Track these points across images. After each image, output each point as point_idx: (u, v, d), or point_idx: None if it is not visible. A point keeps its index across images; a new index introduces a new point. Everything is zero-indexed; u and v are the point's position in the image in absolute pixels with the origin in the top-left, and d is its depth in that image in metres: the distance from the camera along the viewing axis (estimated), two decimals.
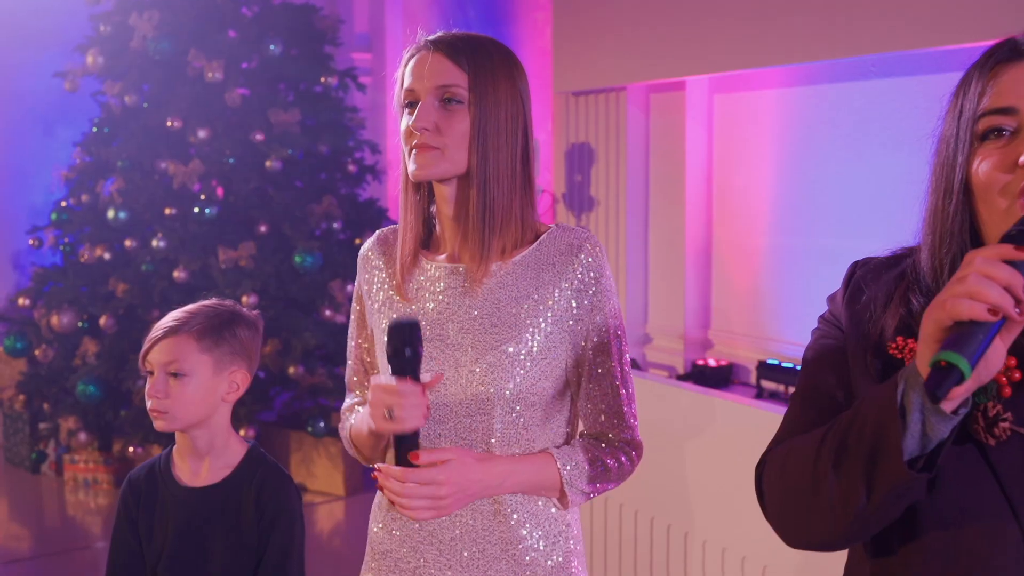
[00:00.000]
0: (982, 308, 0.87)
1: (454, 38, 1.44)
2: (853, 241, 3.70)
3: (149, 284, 4.53)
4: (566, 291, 1.44)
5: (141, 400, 4.44)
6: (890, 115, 3.58)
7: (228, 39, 4.65)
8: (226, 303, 1.73)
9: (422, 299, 1.49)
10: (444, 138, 1.40)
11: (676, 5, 4.07)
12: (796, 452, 1.05)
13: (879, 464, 0.94)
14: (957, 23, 3.12)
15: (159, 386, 1.64)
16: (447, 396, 1.43)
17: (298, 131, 4.63)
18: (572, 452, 1.45)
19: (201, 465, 1.71)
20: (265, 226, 4.55)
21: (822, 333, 1.15)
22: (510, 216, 1.44)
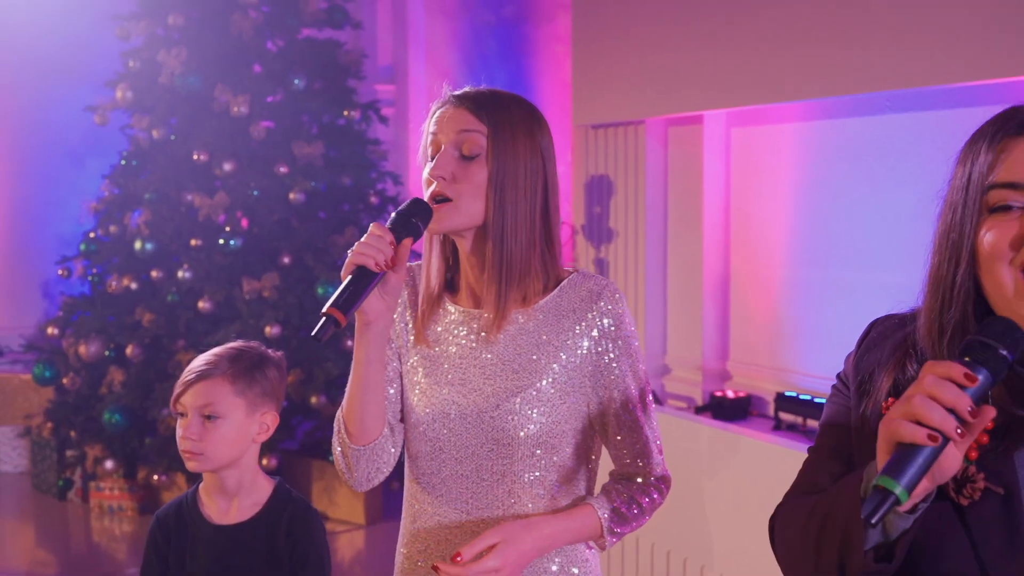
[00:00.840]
0: (922, 433, 0.89)
1: (477, 93, 1.49)
2: (870, 274, 3.72)
3: (175, 314, 4.61)
4: (585, 337, 1.48)
5: (166, 429, 4.50)
6: (906, 150, 3.60)
7: (253, 74, 4.75)
8: (252, 344, 1.78)
9: (444, 342, 1.53)
10: (459, 186, 1.44)
11: (695, 40, 4.12)
12: (794, 514, 1.10)
13: (846, 555, 0.99)
14: (973, 60, 3.15)
15: (193, 428, 1.67)
16: (468, 439, 1.47)
17: (321, 163, 4.71)
18: (608, 498, 1.49)
19: (230, 503, 1.74)
20: (289, 257, 4.62)
21: (834, 393, 1.19)
22: (528, 268, 1.48)
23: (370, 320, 1.41)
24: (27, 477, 5.43)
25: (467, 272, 1.53)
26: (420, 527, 1.54)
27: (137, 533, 4.70)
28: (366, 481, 1.52)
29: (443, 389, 1.50)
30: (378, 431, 1.49)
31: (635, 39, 4.45)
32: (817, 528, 1.03)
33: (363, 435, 1.48)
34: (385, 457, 1.52)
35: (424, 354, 1.53)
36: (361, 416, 1.47)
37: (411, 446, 1.54)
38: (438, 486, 1.51)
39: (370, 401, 1.46)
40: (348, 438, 1.49)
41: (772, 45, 3.75)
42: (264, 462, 4.50)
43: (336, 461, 1.54)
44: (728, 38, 3.95)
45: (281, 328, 4.44)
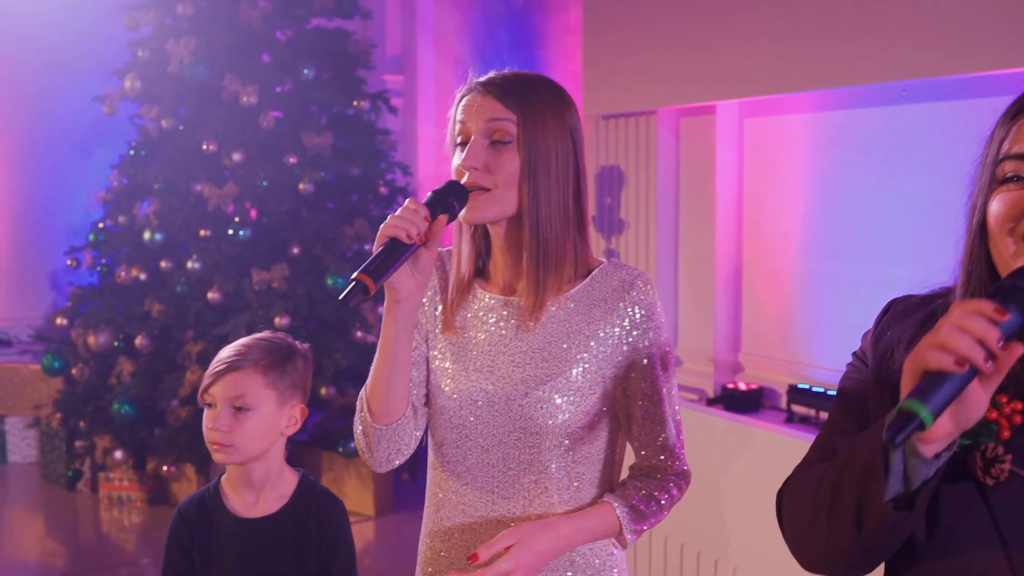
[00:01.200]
0: (949, 359, 0.89)
1: (503, 79, 1.47)
2: (884, 267, 3.69)
3: (184, 305, 4.60)
4: (616, 327, 1.46)
5: (175, 419, 4.50)
6: (922, 141, 3.57)
7: (262, 64, 4.73)
8: (280, 335, 1.76)
9: (474, 329, 1.51)
10: (494, 177, 1.42)
11: (707, 30, 4.09)
12: (804, 483, 1.09)
13: (864, 505, 0.97)
14: (990, 49, 3.12)
15: (224, 420, 1.65)
16: (496, 428, 1.46)
17: (331, 154, 4.69)
18: (627, 495, 1.48)
19: (257, 497, 1.72)
20: (298, 248, 4.60)
21: (851, 368, 1.18)
22: (564, 255, 1.46)
23: (400, 297, 1.39)
24: (36, 468, 5.43)
25: (499, 259, 1.52)
26: (444, 516, 1.53)
27: (146, 524, 4.70)
28: (386, 462, 1.50)
29: (471, 376, 1.48)
30: (401, 412, 1.47)
31: (646, 28, 4.41)
32: (831, 486, 1.02)
33: (386, 415, 1.46)
34: (407, 439, 1.50)
35: (452, 340, 1.52)
36: (386, 395, 1.45)
37: (436, 433, 1.53)
38: (463, 474, 1.49)
39: (395, 381, 1.44)
40: (371, 417, 1.47)
41: (786, 34, 3.72)
42: None
43: (357, 440, 1.52)
44: (741, 27, 3.92)
45: (291, 319, 4.43)
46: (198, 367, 4.43)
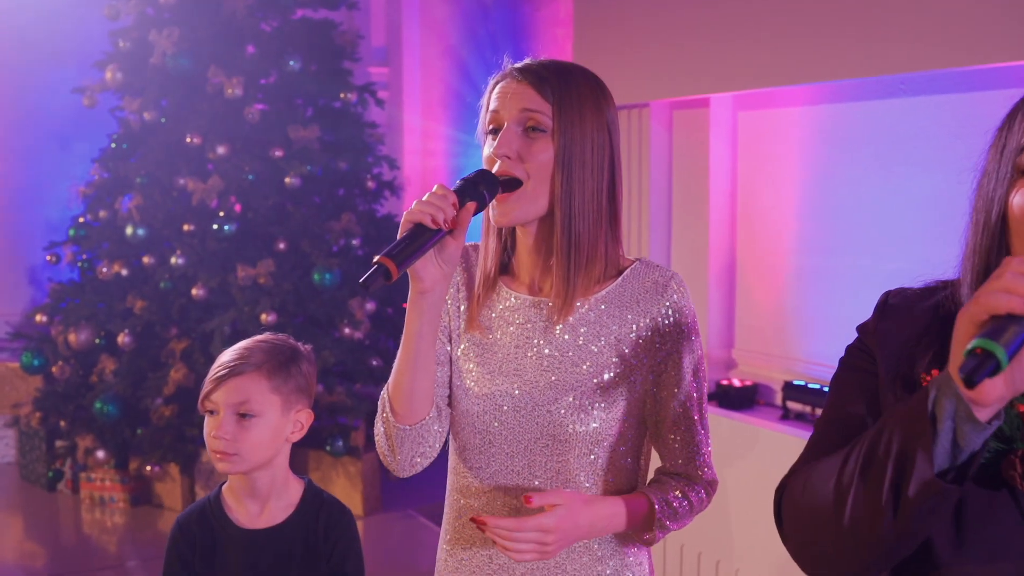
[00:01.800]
0: (1019, 301, 0.85)
1: (540, 66, 1.40)
2: (880, 262, 3.65)
3: (167, 301, 4.51)
4: (650, 330, 1.40)
5: (159, 418, 4.41)
6: (919, 134, 3.53)
7: (247, 55, 4.63)
8: (282, 337, 1.68)
9: (499, 329, 1.45)
10: (526, 166, 1.36)
11: (700, 21, 4.03)
12: (818, 471, 1.02)
13: (908, 473, 0.91)
14: (987, 43, 3.07)
15: (227, 427, 1.57)
16: (522, 434, 1.40)
17: (317, 147, 4.60)
18: (662, 491, 1.42)
19: (262, 507, 1.65)
20: (284, 243, 4.51)
21: (851, 361, 1.13)
22: (595, 253, 1.40)
23: (425, 288, 1.32)
24: (15, 468, 5.32)
25: (525, 257, 1.45)
26: (466, 523, 1.47)
27: (129, 525, 4.61)
28: (409, 466, 1.43)
29: (496, 379, 1.42)
30: (425, 411, 1.40)
31: (639, 20, 4.35)
32: (862, 458, 0.95)
33: (410, 414, 1.39)
34: (431, 440, 1.43)
35: (476, 340, 1.45)
36: (409, 394, 1.38)
37: (459, 437, 1.46)
38: (486, 481, 1.43)
39: (420, 377, 1.37)
40: (393, 417, 1.39)
41: (780, 27, 3.67)
42: None
43: (378, 444, 1.44)
44: (735, 19, 3.87)
45: (277, 315, 4.34)
46: (182, 365, 4.34)
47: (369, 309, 4.56)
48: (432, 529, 4.52)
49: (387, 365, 4.75)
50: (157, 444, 4.44)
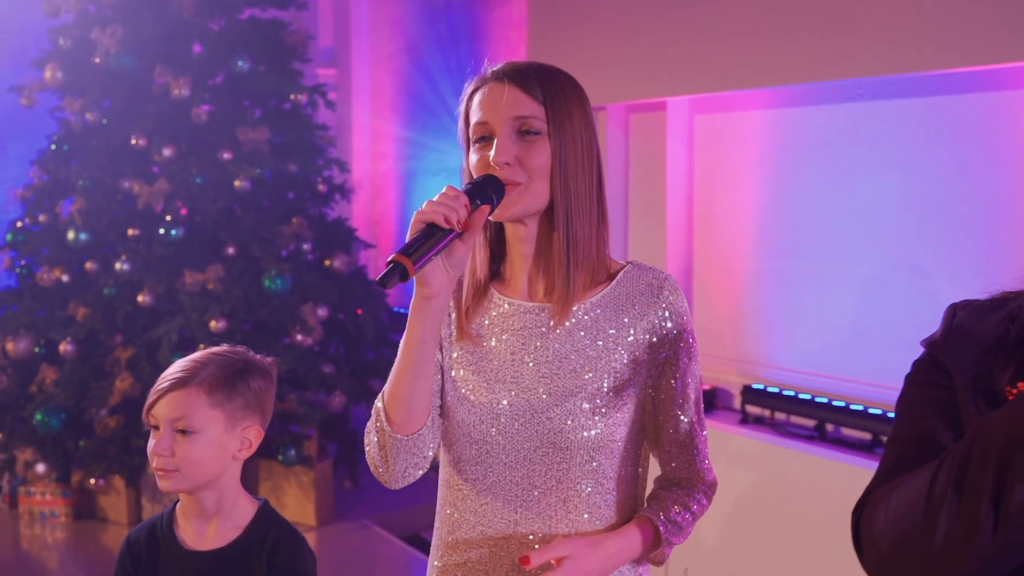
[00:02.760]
0: None
1: (524, 67, 1.37)
2: (839, 265, 3.67)
3: (112, 308, 4.36)
4: (646, 333, 1.37)
5: (104, 429, 4.26)
6: (876, 138, 3.55)
7: (194, 54, 4.50)
8: (238, 350, 1.60)
9: (493, 336, 1.40)
10: (527, 171, 1.32)
11: (657, 23, 4.02)
12: (902, 491, 0.96)
13: (1010, 481, 0.85)
14: (945, 48, 3.10)
15: (165, 443, 1.50)
16: (521, 443, 1.35)
17: (267, 150, 4.49)
18: (664, 508, 1.39)
19: (208, 527, 1.57)
20: (233, 248, 4.40)
21: (923, 377, 1.09)
22: (590, 251, 1.37)
23: (432, 293, 1.28)
24: None
25: (518, 261, 1.41)
26: (460, 538, 1.41)
27: (71, 540, 4.44)
28: (402, 477, 1.38)
29: (493, 387, 1.37)
30: (423, 420, 1.35)
31: (594, 22, 4.33)
32: (955, 469, 0.89)
33: (408, 423, 1.34)
34: (425, 451, 1.38)
35: (470, 349, 1.41)
36: (408, 402, 1.33)
37: (453, 448, 1.41)
38: (483, 493, 1.39)
39: (419, 387, 1.33)
40: (389, 426, 1.34)
41: (738, 30, 3.67)
42: None
43: (369, 455, 1.39)
44: (692, 22, 3.86)
45: (227, 322, 4.22)
46: (128, 374, 4.20)
47: (321, 315, 4.47)
48: (387, 539, 4.44)
49: (339, 372, 4.65)
50: (101, 456, 4.29)
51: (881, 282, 3.58)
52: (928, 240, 3.41)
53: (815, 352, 3.72)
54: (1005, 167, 3.19)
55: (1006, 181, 3.20)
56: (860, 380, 3.55)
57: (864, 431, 3.47)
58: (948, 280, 3.38)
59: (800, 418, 3.63)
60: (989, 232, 3.26)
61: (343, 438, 4.72)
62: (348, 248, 4.88)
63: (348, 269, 4.80)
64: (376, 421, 1.37)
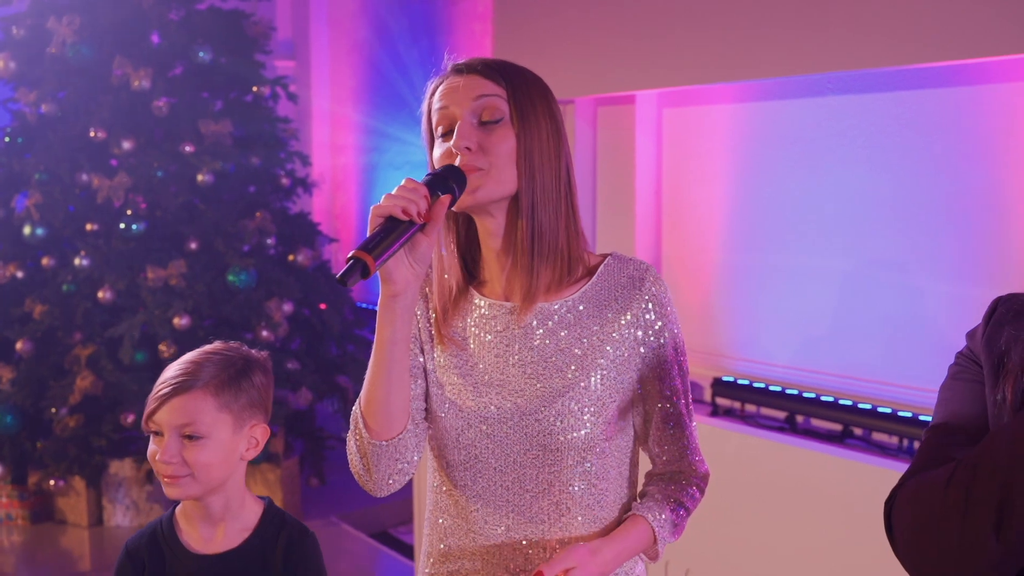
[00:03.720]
0: None
1: (482, 59, 1.34)
2: (808, 258, 3.70)
3: (70, 305, 4.25)
4: (630, 327, 1.34)
5: (63, 429, 4.15)
6: (846, 132, 3.59)
7: (155, 45, 4.40)
8: (233, 346, 1.55)
9: (475, 339, 1.36)
10: (489, 157, 1.28)
11: (626, 16, 4.01)
12: (927, 484, 0.98)
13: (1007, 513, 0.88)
14: (913, 43, 3.14)
15: (172, 450, 1.44)
16: (510, 446, 1.32)
17: (230, 142, 4.41)
18: (658, 507, 1.37)
19: (215, 530, 1.52)
20: (196, 242, 4.31)
21: (961, 369, 1.10)
22: (556, 244, 1.32)
23: (397, 291, 1.23)
24: None
25: (492, 261, 1.37)
26: (451, 546, 1.38)
27: (29, 544, 4.33)
28: (386, 484, 1.33)
29: (480, 390, 1.34)
30: (402, 424, 1.31)
31: (563, 15, 4.31)
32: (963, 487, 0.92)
33: (386, 428, 1.30)
34: (408, 456, 1.33)
35: (453, 353, 1.37)
36: (385, 406, 1.28)
37: (441, 455, 1.38)
38: (473, 499, 1.35)
39: (394, 389, 1.28)
40: (368, 433, 1.30)
41: (707, 23, 3.68)
42: None
43: (352, 464, 1.35)
44: (662, 15, 3.86)
45: (190, 318, 4.14)
46: (89, 372, 4.10)
47: (287, 311, 4.40)
48: (354, 536, 4.39)
49: (304, 368, 4.58)
50: (61, 457, 4.18)
51: (850, 276, 3.62)
52: (898, 234, 3.45)
53: (785, 345, 3.75)
54: (975, 161, 3.24)
55: (976, 175, 3.25)
56: (830, 372, 3.59)
57: (835, 422, 3.51)
58: (919, 274, 3.43)
59: (770, 410, 3.65)
60: (958, 226, 3.31)
61: (309, 435, 4.66)
62: (312, 243, 4.82)
63: (312, 264, 4.74)
64: (355, 429, 1.33)
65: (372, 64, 6.07)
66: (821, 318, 3.62)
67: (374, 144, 6.16)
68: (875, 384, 3.54)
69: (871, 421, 3.45)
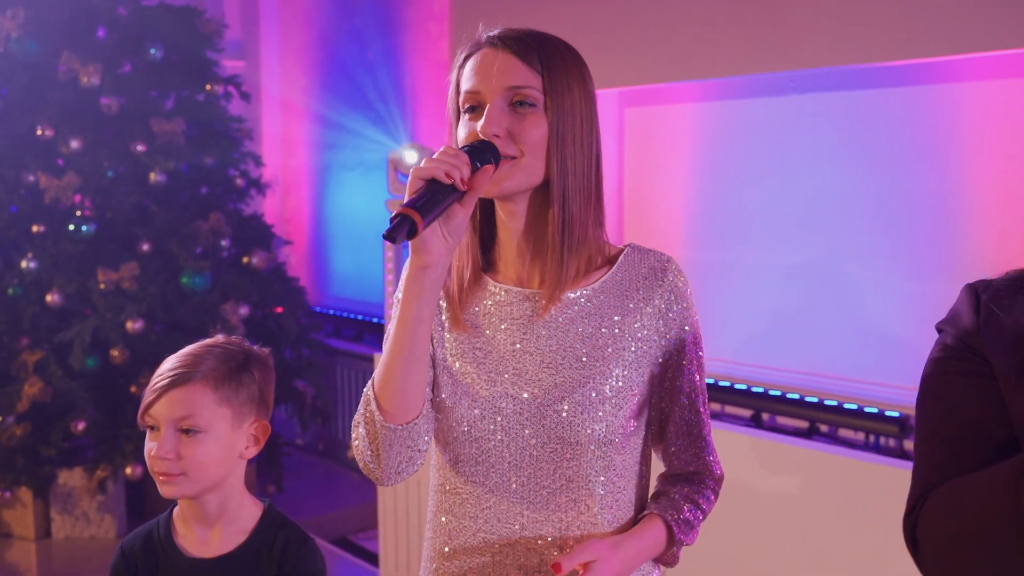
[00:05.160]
0: None
1: (522, 34, 1.27)
2: (769, 256, 3.72)
3: (17, 309, 4.10)
4: (652, 319, 1.30)
5: (10, 438, 4.00)
6: (807, 131, 3.62)
7: (104, 41, 4.28)
8: (233, 340, 1.49)
9: (490, 327, 1.30)
10: (520, 145, 1.23)
11: (585, 15, 4.00)
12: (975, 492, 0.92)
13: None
14: (872, 42, 3.17)
15: (169, 445, 1.37)
16: (527, 438, 1.26)
17: (183, 142, 4.30)
18: (675, 506, 1.32)
19: (211, 533, 1.45)
20: (148, 244, 4.19)
21: (958, 365, 1.03)
22: (586, 234, 1.28)
23: (430, 261, 1.17)
24: None
25: (510, 247, 1.32)
26: (459, 546, 1.31)
27: None
28: (395, 472, 1.26)
29: (495, 381, 1.28)
30: (418, 409, 1.24)
31: (520, 14, 4.27)
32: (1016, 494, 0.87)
33: (402, 412, 1.23)
34: (420, 444, 1.26)
35: (466, 340, 1.31)
36: (403, 388, 1.22)
37: (449, 449, 1.31)
38: (484, 497, 1.28)
39: (414, 370, 1.22)
40: (382, 415, 1.23)
41: (668, 22, 3.68)
42: (128, 471, 4.08)
43: (358, 450, 1.27)
44: (621, 14, 3.86)
45: (144, 322, 4.03)
46: (37, 379, 3.95)
47: (243, 313, 4.30)
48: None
49: None
50: (7, 467, 4.03)
51: (814, 273, 3.64)
52: (860, 231, 3.49)
53: (749, 342, 3.76)
54: (937, 159, 3.28)
55: (938, 173, 3.29)
56: (796, 369, 3.61)
57: (801, 419, 3.53)
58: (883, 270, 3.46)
59: (736, 408, 3.66)
60: (920, 222, 3.36)
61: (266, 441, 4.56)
62: (267, 245, 4.72)
63: (267, 266, 4.64)
64: (365, 411, 1.26)
65: (324, 65, 5.98)
66: (786, 315, 3.63)
67: (326, 145, 6.08)
68: (841, 381, 3.56)
69: (837, 418, 3.47)
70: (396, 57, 5.39)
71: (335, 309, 5.98)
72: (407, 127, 5.36)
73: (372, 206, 5.64)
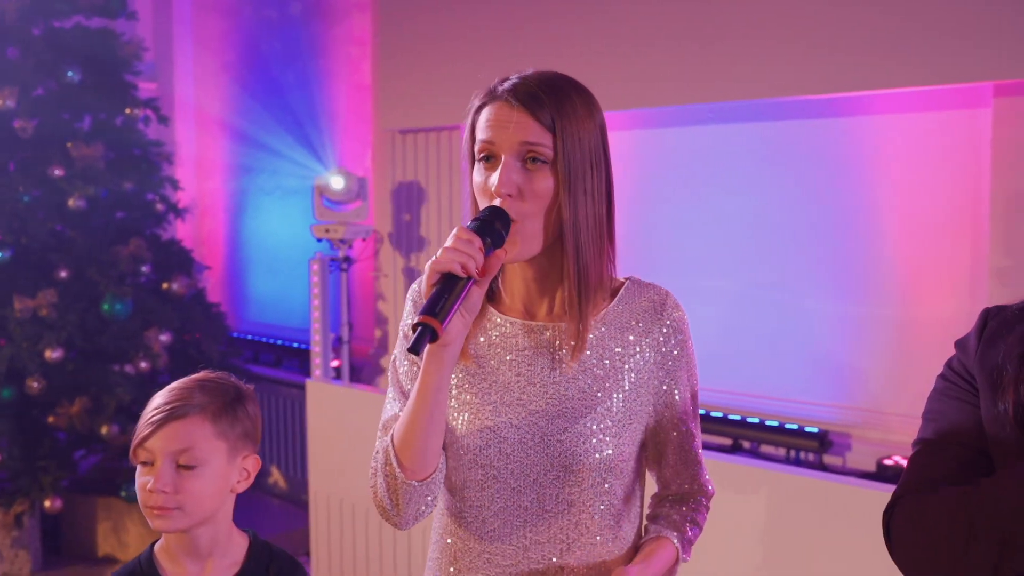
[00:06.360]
0: None
1: (535, 87, 1.29)
2: (696, 281, 3.85)
3: None
4: (650, 351, 1.36)
5: None
6: (726, 159, 3.77)
7: (17, 62, 4.17)
8: (223, 374, 1.48)
9: (494, 357, 1.35)
10: (527, 204, 1.27)
11: (510, 41, 4.09)
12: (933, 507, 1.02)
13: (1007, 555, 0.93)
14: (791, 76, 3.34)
15: (166, 479, 1.36)
16: (530, 466, 1.31)
17: (102, 166, 4.22)
18: (676, 525, 1.40)
19: (203, 567, 1.44)
20: (66, 271, 4.09)
21: (950, 385, 1.12)
22: (600, 278, 1.33)
23: (449, 340, 1.22)
24: None
25: (517, 283, 1.37)
26: (463, 568, 1.36)
27: None
28: (413, 519, 1.33)
29: (499, 410, 1.33)
30: (435, 464, 1.31)
31: (446, 40, 4.34)
32: (965, 522, 0.96)
33: (421, 469, 1.29)
34: (436, 491, 1.33)
35: (471, 371, 1.36)
36: (423, 449, 1.28)
37: (455, 474, 1.36)
38: (489, 520, 1.34)
39: (434, 432, 1.28)
40: (402, 472, 1.29)
41: (593, 52, 3.79)
42: (47, 504, 3.97)
43: (377, 499, 1.32)
44: (548, 42, 3.95)
45: (63, 350, 3.93)
46: None
47: (164, 340, 4.23)
48: None
49: None
50: None
51: (735, 296, 3.79)
52: (778, 256, 3.64)
53: None
54: (850, 187, 3.46)
55: (851, 200, 3.47)
56: (719, 389, 3.74)
57: (724, 436, 3.65)
58: (799, 293, 3.62)
59: None
60: (834, 248, 3.53)
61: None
62: (188, 270, 4.65)
63: (188, 292, 4.58)
64: (385, 466, 1.31)
65: (242, 87, 5.92)
66: (709, 337, 3.76)
67: (243, 168, 6.01)
68: (762, 399, 3.71)
69: (759, 434, 3.61)
70: (318, 81, 5.38)
71: (253, 334, 5.91)
72: (332, 151, 5.35)
73: (292, 230, 5.60)
